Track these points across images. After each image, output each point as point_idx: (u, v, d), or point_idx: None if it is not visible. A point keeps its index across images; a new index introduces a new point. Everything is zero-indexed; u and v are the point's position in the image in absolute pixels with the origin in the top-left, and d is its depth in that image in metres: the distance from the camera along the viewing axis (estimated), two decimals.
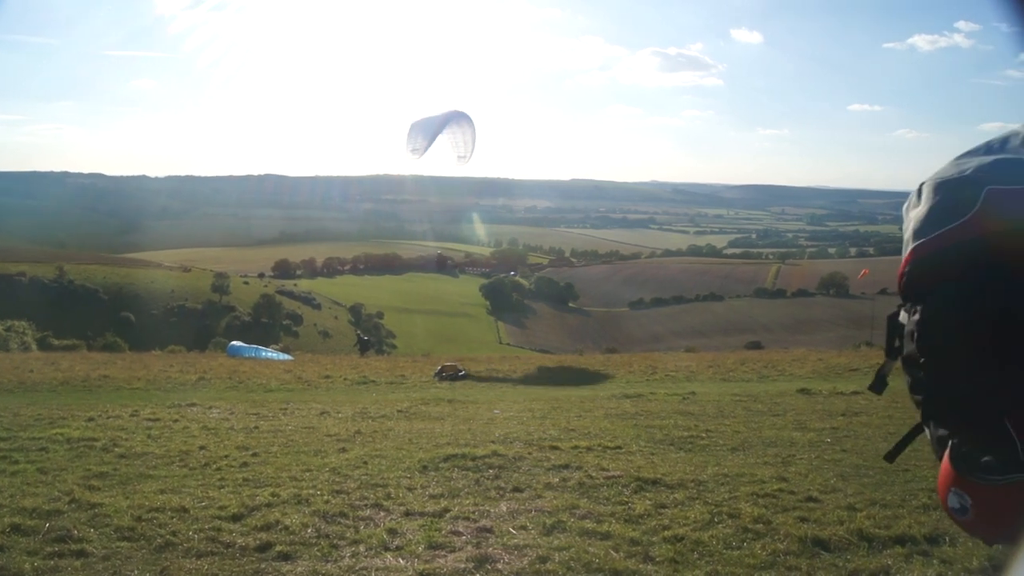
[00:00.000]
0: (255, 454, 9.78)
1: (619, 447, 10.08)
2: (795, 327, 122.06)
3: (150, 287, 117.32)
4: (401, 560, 6.01)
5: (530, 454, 9.45)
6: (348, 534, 6.57)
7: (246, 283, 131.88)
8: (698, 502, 7.42)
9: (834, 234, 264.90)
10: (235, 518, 6.94)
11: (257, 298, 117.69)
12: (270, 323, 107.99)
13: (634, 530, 6.61)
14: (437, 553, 6.15)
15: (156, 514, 6.96)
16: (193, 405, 14.32)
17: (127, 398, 15.80)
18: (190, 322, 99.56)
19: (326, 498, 7.55)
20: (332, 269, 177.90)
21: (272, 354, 31.78)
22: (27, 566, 5.73)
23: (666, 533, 6.52)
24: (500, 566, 5.89)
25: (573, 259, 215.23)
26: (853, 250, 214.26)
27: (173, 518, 6.89)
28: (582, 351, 47.31)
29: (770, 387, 18.14)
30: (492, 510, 7.21)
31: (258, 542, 6.34)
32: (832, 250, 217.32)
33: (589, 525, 6.73)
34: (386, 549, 6.23)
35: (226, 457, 9.54)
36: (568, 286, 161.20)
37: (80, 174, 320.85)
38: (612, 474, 8.42)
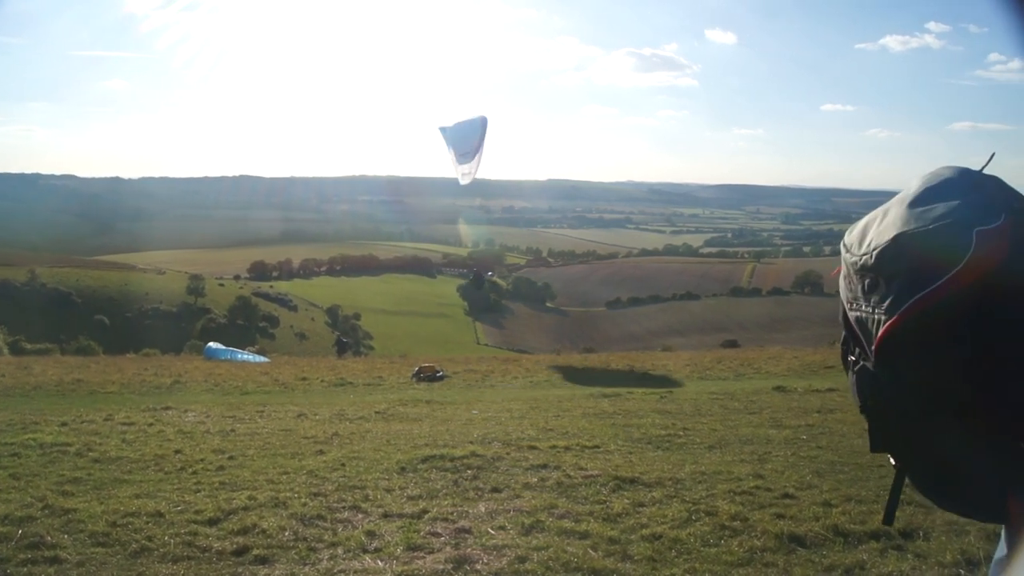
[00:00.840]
0: (231, 457, 9.70)
1: (597, 446, 10.11)
2: (771, 325, 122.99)
3: (124, 290, 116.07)
4: (379, 562, 6.00)
5: (508, 454, 9.46)
6: (326, 537, 6.55)
7: (222, 285, 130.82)
8: (676, 500, 7.46)
9: (808, 233, 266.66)
10: (211, 522, 6.89)
11: (233, 300, 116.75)
12: (246, 325, 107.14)
13: (612, 529, 6.64)
14: (416, 554, 6.14)
15: (131, 519, 6.90)
16: (168, 409, 14.17)
17: (101, 402, 15.61)
18: (165, 325, 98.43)
19: (304, 501, 7.51)
20: (308, 270, 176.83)
21: (248, 356, 31.55)
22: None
23: (644, 531, 6.55)
24: (479, 566, 5.89)
25: (550, 259, 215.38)
26: (827, 248, 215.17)
27: (148, 523, 6.83)
28: (560, 351, 47.36)
29: (746, 385, 18.26)
30: (471, 511, 7.21)
31: (235, 546, 6.30)
32: (807, 249, 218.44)
33: (567, 524, 6.75)
34: (364, 551, 6.22)
35: (202, 461, 9.46)
36: (546, 286, 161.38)
37: (52, 176, 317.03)
38: (590, 473, 8.45)
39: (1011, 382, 1.33)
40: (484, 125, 27.60)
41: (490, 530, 6.64)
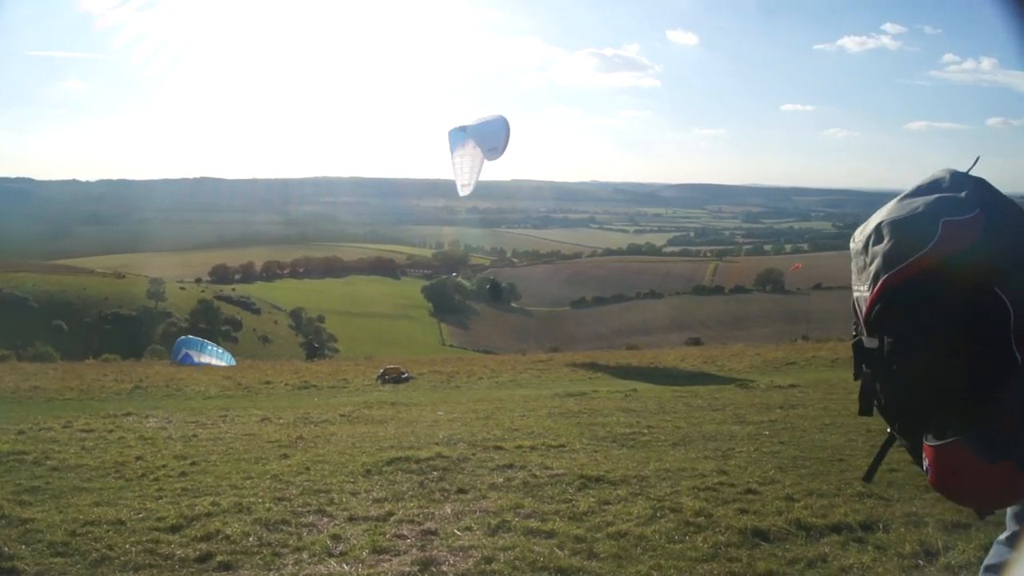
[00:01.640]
0: (194, 463, 9.58)
1: (562, 445, 10.14)
2: (733, 323, 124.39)
3: (82, 294, 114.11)
4: (345, 566, 5.97)
5: (474, 455, 9.46)
6: (291, 541, 6.50)
7: (183, 288, 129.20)
8: (641, 498, 7.51)
9: (769, 231, 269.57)
10: (174, 529, 6.80)
11: (194, 304, 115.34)
12: (208, 329, 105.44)
13: (578, 527, 6.67)
14: (381, 557, 6.12)
15: (91, 528, 6.78)
16: (129, 415, 13.95)
17: (59, 409, 15.32)
18: (125, 330, 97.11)
19: (268, 505, 7.44)
20: (271, 273, 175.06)
21: (218, 354, 31.12)
22: None
23: (610, 529, 6.59)
24: (445, 568, 5.89)
25: (515, 259, 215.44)
26: (788, 246, 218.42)
27: (109, 531, 6.72)
28: (525, 351, 47.43)
29: (710, 382, 18.44)
30: (437, 512, 7.20)
31: (198, 553, 6.22)
32: (768, 247, 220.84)
33: (534, 524, 6.76)
34: (330, 555, 6.18)
35: (164, 467, 9.32)
36: (510, 286, 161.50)
37: (7, 179, 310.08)
38: (556, 472, 8.48)
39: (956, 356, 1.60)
40: (508, 124, 27.19)
41: (456, 531, 6.64)
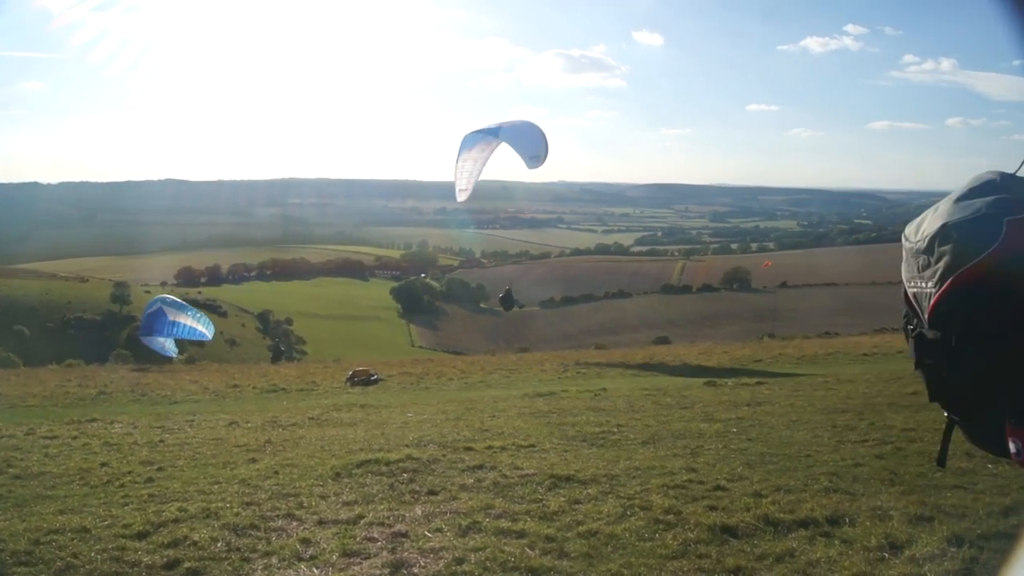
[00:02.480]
0: (160, 469, 9.49)
1: (533, 445, 10.16)
2: (701, 321, 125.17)
3: (44, 299, 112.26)
4: (315, 570, 5.94)
5: (444, 456, 9.45)
6: (260, 546, 6.45)
7: (147, 292, 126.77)
8: (611, 496, 7.55)
9: (736, 230, 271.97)
10: (140, 536, 6.71)
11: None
12: None
13: (549, 527, 6.68)
14: (352, 561, 6.10)
15: (55, 536, 6.68)
16: (93, 420, 13.79)
17: (22, 416, 15.09)
18: (89, 334, 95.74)
19: (236, 510, 7.38)
20: (238, 275, 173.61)
21: (196, 315, 30.24)
22: None
23: (580, 528, 6.61)
24: (416, 570, 5.88)
25: (484, 260, 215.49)
26: (754, 245, 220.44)
27: (74, 539, 6.62)
28: (495, 351, 47.45)
29: (678, 380, 18.58)
30: (407, 514, 7.18)
31: (165, 559, 6.16)
32: (734, 246, 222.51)
33: (504, 524, 6.77)
34: (299, 559, 6.14)
35: (130, 473, 9.22)
36: (479, 287, 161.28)
37: None
38: (526, 472, 8.49)
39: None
40: (543, 130, 26.55)
41: (427, 533, 6.62)
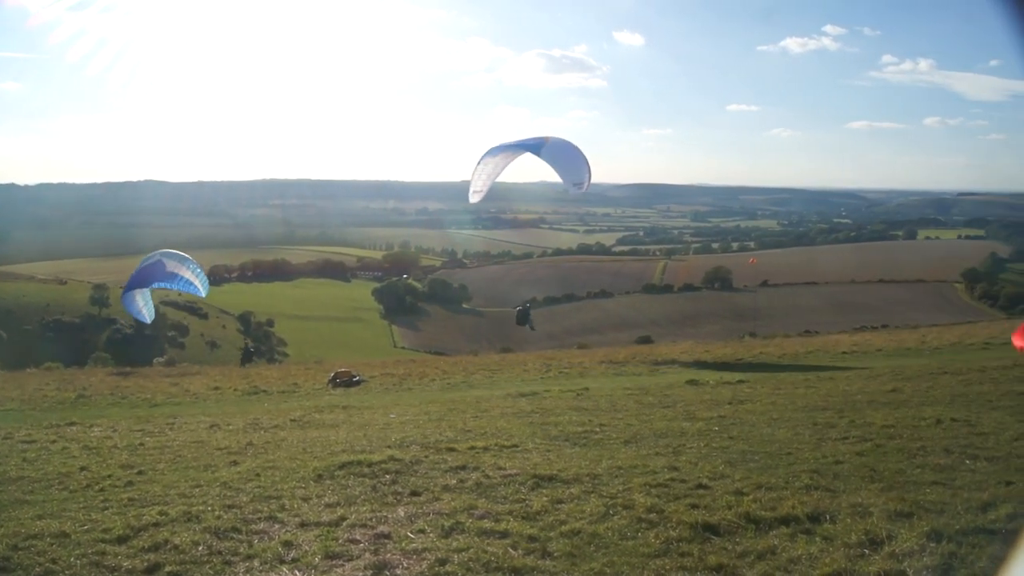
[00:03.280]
0: (141, 472, 9.42)
1: (515, 446, 10.17)
2: (682, 321, 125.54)
3: (22, 301, 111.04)
4: (297, 572, 5.92)
5: (427, 457, 9.44)
6: (242, 549, 6.41)
7: None
8: (593, 495, 7.56)
9: (717, 230, 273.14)
10: (121, 540, 6.66)
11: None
12: (154, 335, 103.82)
13: (532, 527, 6.69)
14: (334, 563, 6.08)
15: (34, 541, 6.62)
16: (73, 424, 13.68)
17: None
18: (68, 337, 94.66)
19: (217, 513, 7.34)
20: (219, 277, 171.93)
21: (195, 268, 29.28)
22: None
23: (563, 528, 6.63)
24: (399, 571, 5.87)
25: (466, 260, 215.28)
26: (735, 245, 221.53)
27: (53, 544, 6.57)
28: (477, 352, 47.45)
29: (660, 379, 18.64)
30: (390, 515, 7.17)
31: (146, 564, 6.11)
32: (715, 245, 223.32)
33: (487, 524, 6.77)
34: (281, 562, 6.12)
35: (109, 477, 9.15)
36: (462, 287, 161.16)
37: None
38: (509, 472, 8.50)
39: None
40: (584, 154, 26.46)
41: (410, 534, 6.61)
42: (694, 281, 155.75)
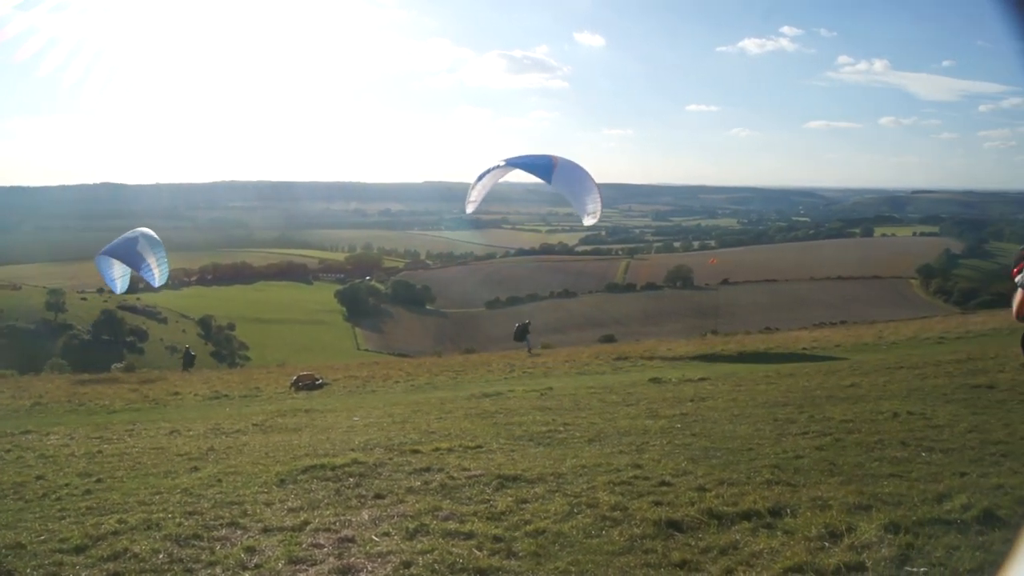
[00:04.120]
0: (99, 480, 9.26)
1: (479, 446, 10.17)
2: (645, 319, 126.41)
3: None
4: None
5: (391, 459, 9.41)
6: (203, 556, 6.34)
7: (84, 299, 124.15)
8: (558, 495, 7.59)
9: (678, 229, 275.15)
10: (78, 550, 6.55)
11: (97, 315, 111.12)
12: (112, 340, 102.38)
13: (496, 527, 6.70)
14: (298, 568, 6.03)
15: None
16: (28, 433, 13.43)
17: None
18: (22, 344, 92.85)
19: (178, 521, 7.24)
20: (178, 281, 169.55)
21: (160, 256, 28.59)
22: None
23: (528, 527, 6.64)
24: (363, 575, 5.84)
25: (429, 261, 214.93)
26: (696, 243, 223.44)
27: (8, 556, 6.44)
28: (441, 353, 47.37)
29: (623, 378, 18.76)
30: (354, 519, 7.13)
31: (105, 573, 6.03)
32: (677, 244, 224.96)
33: (452, 526, 6.77)
34: (244, 568, 6.06)
35: (67, 486, 8.99)
36: (425, 288, 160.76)
37: None
38: (473, 473, 8.50)
39: None
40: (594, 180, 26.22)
41: (374, 537, 6.58)
42: (656, 280, 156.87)
